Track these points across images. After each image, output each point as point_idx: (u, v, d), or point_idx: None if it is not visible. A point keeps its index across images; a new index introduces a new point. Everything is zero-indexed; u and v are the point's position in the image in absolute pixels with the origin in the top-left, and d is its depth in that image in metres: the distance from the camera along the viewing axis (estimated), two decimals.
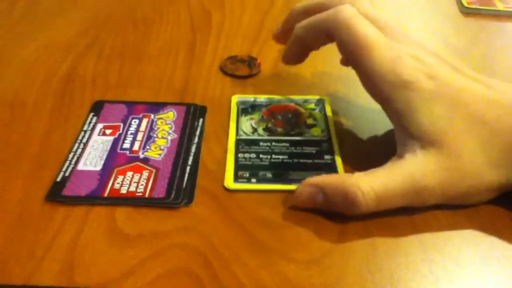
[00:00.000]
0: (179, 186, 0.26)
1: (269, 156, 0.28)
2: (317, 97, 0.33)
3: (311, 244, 0.23)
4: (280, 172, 0.27)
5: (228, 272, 0.22)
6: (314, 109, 0.32)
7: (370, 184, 0.23)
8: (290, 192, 0.26)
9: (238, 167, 0.27)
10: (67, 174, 0.26)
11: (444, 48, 0.40)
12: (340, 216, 0.24)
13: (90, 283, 0.21)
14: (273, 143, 0.29)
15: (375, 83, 0.26)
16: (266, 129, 0.30)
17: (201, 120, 0.31)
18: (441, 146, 0.24)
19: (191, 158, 0.27)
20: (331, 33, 0.28)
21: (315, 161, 0.28)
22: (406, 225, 0.24)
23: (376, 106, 0.27)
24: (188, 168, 0.27)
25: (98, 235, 0.23)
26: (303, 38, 0.30)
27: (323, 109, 0.32)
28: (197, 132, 0.29)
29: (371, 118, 0.31)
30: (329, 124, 0.31)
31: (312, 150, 0.29)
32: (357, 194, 0.23)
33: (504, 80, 0.28)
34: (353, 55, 0.27)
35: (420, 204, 0.25)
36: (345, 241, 0.24)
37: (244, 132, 0.30)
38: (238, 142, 0.29)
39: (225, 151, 0.29)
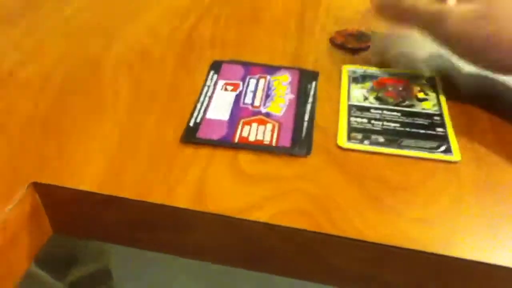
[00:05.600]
0: (300, 139, 0.27)
1: (380, 123, 0.29)
2: (428, 73, 0.33)
3: (425, 205, 0.24)
4: (393, 138, 0.28)
5: (346, 220, 0.23)
6: (425, 85, 0.32)
7: None
8: (404, 157, 0.27)
9: (351, 129, 0.28)
10: (198, 120, 0.29)
11: None
12: (454, 182, 0.25)
13: (219, 210, 0.24)
14: (384, 111, 0.30)
15: None
16: (377, 98, 0.31)
17: (314, 83, 0.32)
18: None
19: (307, 116, 0.29)
20: None
21: (428, 132, 0.28)
22: None
23: (487, 85, 0.27)
24: (305, 124, 0.28)
25: (224, 172, 0.26)
26: None
27: (434, 85, 0.32)
28: (311, 94, 0.31)
29: (482, 96, 0.31)
30: (440, 99, 0.31)
31: (423, 121, 0.29)
32: None
33: None
34: None
35: (440, 29, 0.30)
36: (457, 206, 0.24)
37: (356, 99, 0.31)
38: (350, 107, 0.30)
39: (337, 114, 0.30)
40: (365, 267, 0.24)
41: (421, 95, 0.31)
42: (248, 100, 0.30)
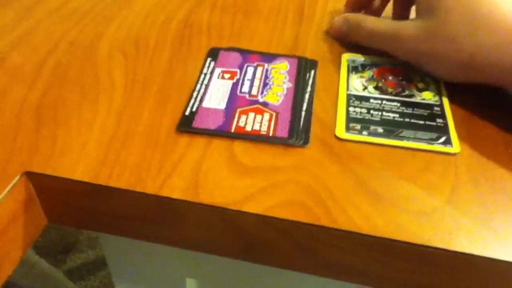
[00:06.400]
0: (298, 129, 0.27)
1: (380, 113, 0.29)
2: None
3: (423, 198, 0.24)
4: (392, 129, 0.27)
5: (341, 212, 0.23)
6: (425, 75, 0.32)
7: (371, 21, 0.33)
8: (402, 148, 0.26)
9: (349, 119, 0.28)
10: (194, 109, 0.28)
11: None
12: (453, 174, 0.25)
13: (213, 201, 0.23)
14: (384, 102, 0.29)
15: None
16: (376, 88, 0.31)
17: (312, 72, 0.31)
18: (433, 15, 0.29)
19: (305, 105, 0.29)
20: None
21: (427, 122, 0.28)
22: None
23: None
24: (303, 114, 0.28)
25: (219, 162, 0.25)
26: None
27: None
28: (310, 83, 0.30)
29: (484, 87, 0.31)
30: (441, 90, 0.30)
31: (423, 112, 0.29)
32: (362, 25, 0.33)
33: None
34: None
35: (399, 49, 0.31)
36: (457, 199, 0.24)
37: (355, 88, 0.30)
38: (349, 96, 0.30)
39: (335, 103, 0.29)
40: (361, 260, 0.23)
41: (421, 85, 0.31)
42: (245, 89, 0.30)
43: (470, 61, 0.27)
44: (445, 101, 0.30)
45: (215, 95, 0.29)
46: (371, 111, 0.29)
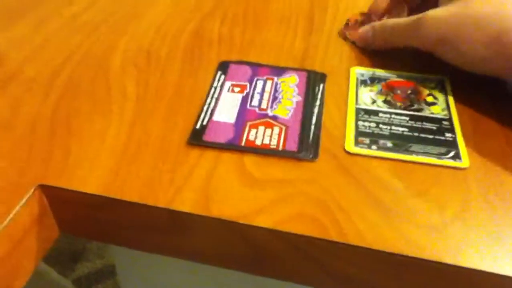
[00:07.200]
0: (307, 143, 0.27)
1: (389, 127, 0.29)
2: (437, 76, 0.33)
3: (433, 212, 0.24)
4: (401, 143, 0.28)
5: (351, 225, 0.23)
6: (434, 88, 0.32)
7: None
8: (411, 162, 0.26)
9: (358, 133, 0.28)
10: (204, 123, 0.28)
11: None
12: (462, 189, 0.25)
13: (224, 214, 0.23)
14: (393, 116, 0.30)
15: None
16: (385, 102, 0.31)
17: (321, 85, 0.32)
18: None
19: (314, 119, 0.29)
20: None
21: (436, 137, 0.28)
22: None
23: (498, 89, 0.27)
24: (312, 128, 0.28)
25: (230, 175, 0.26)
26: None
27: (443, 89, 0.32)
28: (319, 96, 0.31)
29: (493, 100, 0.31)
30: (450, 103, 0.31)
31: (432, 126, 0.29)
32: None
33: None
34: None
35: (422, 37, 0.31)
36: (466, 213, 0.24)
37: (364, 102, 0.31)
38: (358, 110, 0.30)
39: (344, 117, 0.30)
40: (370, 274, 0.23)
41: (430, 98, 0.31)
42: (255, 102, 0.30)
43: (496, 41, 0.27)
44: (454, 115, 0.30)
45: (225, 108, 0.30)
46: (380, 125, 0.29)
